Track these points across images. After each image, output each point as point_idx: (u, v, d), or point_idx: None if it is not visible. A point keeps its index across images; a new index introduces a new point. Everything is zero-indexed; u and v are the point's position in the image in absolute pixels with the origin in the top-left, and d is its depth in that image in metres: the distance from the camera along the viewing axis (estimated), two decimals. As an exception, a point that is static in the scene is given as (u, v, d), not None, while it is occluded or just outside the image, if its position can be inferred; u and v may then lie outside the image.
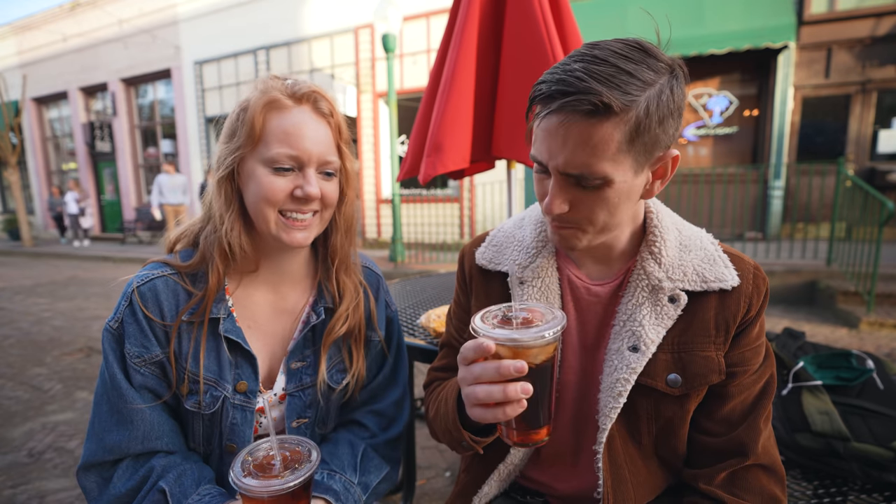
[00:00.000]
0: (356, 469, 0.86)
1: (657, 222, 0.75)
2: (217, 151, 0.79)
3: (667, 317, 0.71)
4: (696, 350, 0.71)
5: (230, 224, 0.77)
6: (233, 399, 0.80)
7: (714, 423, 0.73)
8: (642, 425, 0.74)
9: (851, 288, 4.43)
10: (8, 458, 2.30)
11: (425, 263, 6.89)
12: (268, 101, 0.74)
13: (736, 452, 0.71)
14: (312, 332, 0.88)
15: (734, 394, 0.72)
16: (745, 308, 0.71)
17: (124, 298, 0.76)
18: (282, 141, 0.74)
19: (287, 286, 0.88)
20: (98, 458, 0.74)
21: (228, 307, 0.81)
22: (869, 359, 1.35)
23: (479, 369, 0.58)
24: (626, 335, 0.73)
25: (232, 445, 0.82)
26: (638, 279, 0.74)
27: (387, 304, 1.00)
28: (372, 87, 8.91)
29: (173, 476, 0.74)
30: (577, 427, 0.80)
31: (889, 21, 6.15)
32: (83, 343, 4.14)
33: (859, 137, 6.63)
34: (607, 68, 0.57)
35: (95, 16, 11.71)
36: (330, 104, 0.80)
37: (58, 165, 14.16)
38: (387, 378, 0.99)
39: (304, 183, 0.76)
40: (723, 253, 0.74)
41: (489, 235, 0.91)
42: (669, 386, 0.71)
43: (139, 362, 0.75)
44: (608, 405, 0.72)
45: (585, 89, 0.56)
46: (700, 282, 0.71)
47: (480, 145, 1.63)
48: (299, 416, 0.87)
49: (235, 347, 0.80)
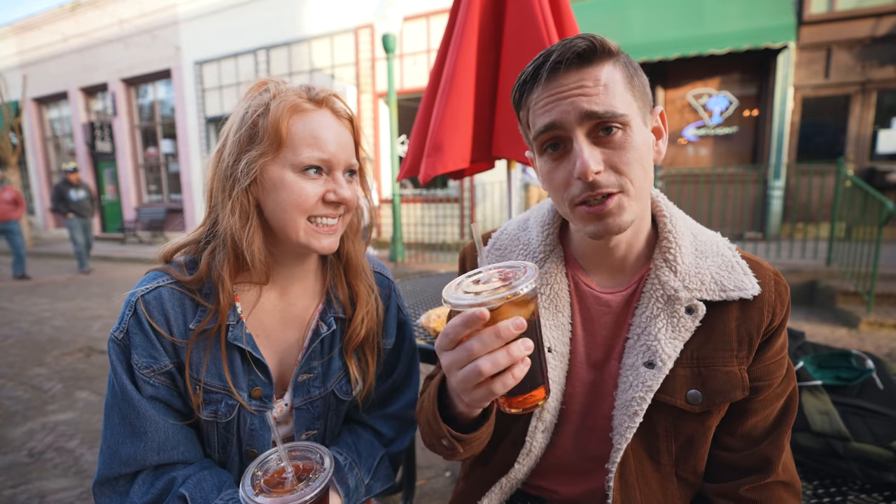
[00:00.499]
0: (370, 471, 0.86)
1: (671, 227, 0.71)
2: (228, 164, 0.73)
3: (684, 329, 0.67)
4: (717, 365, 0.67)
5: (250, 238, 0.73)
6: (249, 406, 0.78)
7: (735, 439, 0.70)
8: (661, 444, 0.71)
9: (851, 288, 4.43)
10: (8, 458, 2.30)
11: (425, 263, 6.89)
12: (292, 105, 0.72)
13: (758, 468, 0.68)
14: (321, 344, 0.86)
15: (757, 409, 0.68)
16: (768, 318, 0.66)
17: (128, 308, 0.73)
18: (311, 144, 0.72)
19: (296, 292, 0.86)
20: (114, 471, 0.71)
21: (238, 314, 0.78)
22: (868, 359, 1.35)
23: (477, 342, 0.50)
24: (641, 350, 0.68)
25: (253, 451, 0.80)
26: (652, 289, 0.69)
27: (399, 308, 0.97)
28: (372, 88, 8.91)
29: (193, 482, 0.72)
30: (583, 440, 0.78)
31: (889, 21, 6.15)
32: (83, 343, 4.14)
33: (859, 137, 6.63)
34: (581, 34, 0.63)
35: (96, 16, 11.71)
36: (346, 106, 0.80)
37: (58, 165, 14.15)
38: (400, 382, 0.97)
39: (336, 186, 0.74)
40: (741, 259, 0.70)
41: (492, 238, 0.86)
42: (689, 403, 0.67)
43: (148, 373, 0.73)
44: (623, 424, 0.69)
45: (572, 40, 0.61)
46: (719, 291, 0.67)
47: (480, 145, 1.63)
48: (308, 429, 0.86)
49: (247, 355, 0.79)
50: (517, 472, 0.80)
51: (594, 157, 0.60)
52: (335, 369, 0.87)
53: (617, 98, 0.61)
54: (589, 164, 0.59)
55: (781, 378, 0.69)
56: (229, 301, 0.76)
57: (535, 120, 0.64)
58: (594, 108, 0.60)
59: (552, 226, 0.79)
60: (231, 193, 0.73)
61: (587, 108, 0.60)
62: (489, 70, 1.60)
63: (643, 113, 0.65)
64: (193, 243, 0.80)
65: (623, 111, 0.61)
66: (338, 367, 0.87)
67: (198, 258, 0.78)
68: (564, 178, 0.64)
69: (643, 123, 0.65)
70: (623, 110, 0.61)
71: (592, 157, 0.60)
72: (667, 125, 0.71)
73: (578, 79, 0.61)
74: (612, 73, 0.61)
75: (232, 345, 0.77)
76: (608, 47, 0.61)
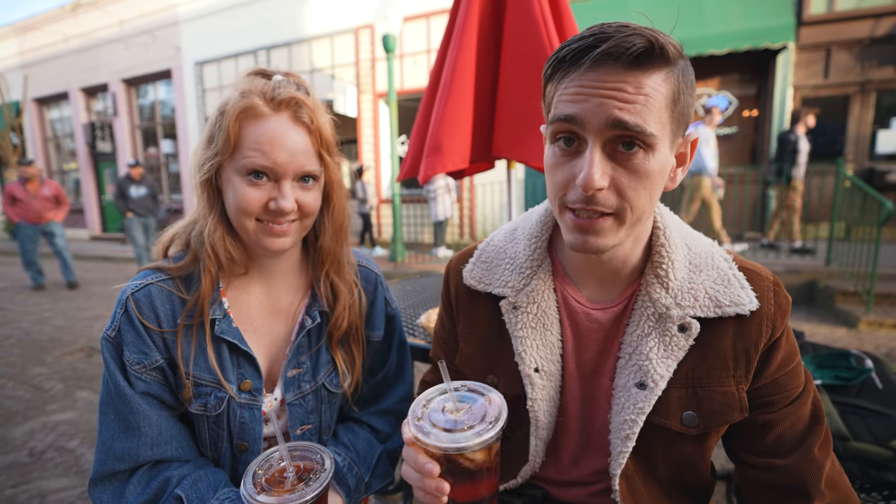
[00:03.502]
0: (370, 469, 0.87)
1: (664, 240, 0.67)
2: (195, 154, 0.78)
3: (677, 348, 0.64)
4: (713, 385, 0.64)
5: (213, 226, 0.77)
6: (238, 399, 0.80)
7: (760, 457, 0.65)
8: (658, 463, 0.69)
9: (850, 288, 4.43)
10: (9, 458, 2.30)
11: (425, 263, 6.89)
12: (244, 108, 0.71)
13: (796, 491, 0.62)
14: (308, 338, 0.87)
15: (779, 420, 0.64)
16: (767, 333, 0.63)
17: (119, 306, 0.75)
18: (255, 150, 0.71)
19: (280, 287, 0.88)
20: (108, 468, 0.72)
21: (225, 309, 0.80)
22: (868, 358, 1.36)
23: (412, 462, 0.58)
24: (633, 370, 0.66)
25: (244, 444, 0.81)
26: (643, 306, 0.66)
27: (386, 301, 0.99)
28: (372, 88, 8.91)
29: (188, 482, 0.72)
30: (583, 456, 0.78)
31: (888, 21, 6.16)
32: (84, 343, 4.14)
33: (858, 138, 6.63)
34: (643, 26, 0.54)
35: (96, 16, 11.72)
36: (311, 111, 0.76)
37: (59, 166, 14.15)
38: (392, 376, 0.99)
39: (279, 196, 0.73)
40: (738, 271, 0.66)
41: (478, 250, 0.82)
42: (685, 425, 0.65)
43: (140, 369, 0.74)
44: (617, 447, 0.67)
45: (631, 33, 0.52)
46: (714, 307, 0.63)
47: (480, 145, 1.64)
48: (303, 423, 0.87)
49: (235, 348, 0.80)
50: (517, 481, 0.82)
51: (603, 170, 0.55)
52: (323, 363, 0.88)
53: (653, 115, 0.54)
54: (594, 178, 0.54)
55: (801, 388, 0.65)
56: (212, 284, 0.78)
57: (559, 104, 0.58)
58: (625, 117, 0.53)
59: (540, 238, 0.75)
60: (199, 183, 0.77)
61: (616, 116, 0.53)
62: (489, 70, 1.60)
63: (674, 137, 0.59)
64: (188, 227, 0.84)
65: (653, 131, 0.54)
66: (326, 360, 0.88)
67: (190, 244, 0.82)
68: (566, 178, 0.59)
69: (669, 148, 0.59)
70: (653, 130, 0.54)
71: (600, 170, 0.55)
72: (694, 153, 0.65)
73: (620, 79, 0.53)
74: (659, 85, 0.54)
75: (219, 338, 0.78)
76: (667, 53, 0.54)
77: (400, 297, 1.90)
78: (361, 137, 9.16)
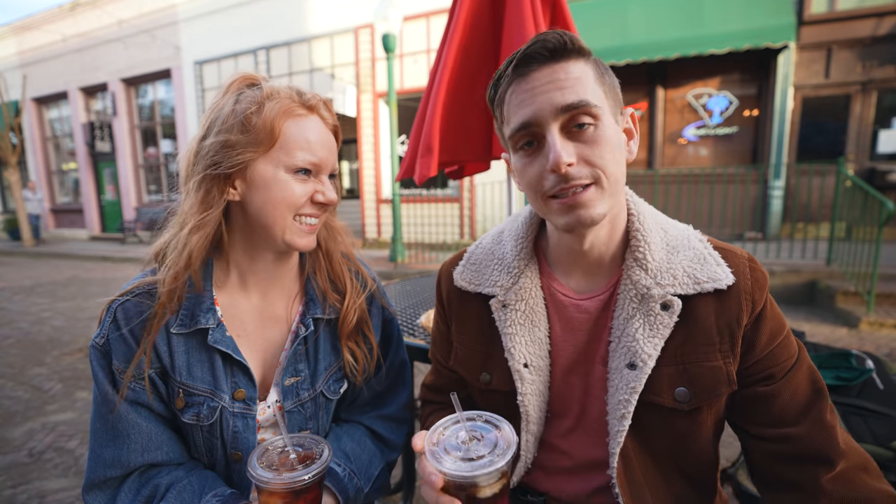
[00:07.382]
0: (370, 480, 0.87)
1: (639, 224, 0.71)
2: (199, 148, 0.76)
3: (662, 326, 0.66)
4: (700, 360, 0.66)
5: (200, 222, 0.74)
6: (231, 408, 0.79)
7: (772, 428, 0.66)
8: (655, 441, 0.71)
9: (851, 288, 4.43)
10: (8, 458, 2.30)
11: (425, 263, 6.89)
12: (286, 108, 0.75)
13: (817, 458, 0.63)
14: (304, 344, 0.87)
15: (780, 390, 0.65)
16: (748, 308, 0.65)
17: (108, 314, 0.74)
18: (304, 148, 0.76)
19: (276, 293, 0.87)
20: (99, 474, 0.72)
21: (218, 317, 0.79)
22: (868, 359, 1.36)
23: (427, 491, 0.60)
24: (623, 352, 0.68)
25: (237, 454, 0.80)
26: (626, 290, 0.69)
27: (383, 305, 0.99)
28: (372, 87, 8.91)
29: (174, 494, 0.72)
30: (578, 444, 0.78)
31: (889, 21, 6.15)
32: (83, 343, 4.14)
33: (859, 137, 6.63)
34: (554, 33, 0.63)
35: (95, 16, 11.72)
36: (332, 112, 0.83)
37: (58, 165, 14.16)
38: (393, 378, 0.98)
39: (324, 188, 0.79)
40: (713, 250, 0.69)
41: (467, 253, 0.85)
42: (678, 401, 0.67)
43: (128, 377, 0.73)
44: (614, 428, 0.69)
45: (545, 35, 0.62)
46: (692, 284, 0.66)
47: (479, 145, 1.63)
48: (301, 429, 0.87)
49: (228, 357, 0.79)
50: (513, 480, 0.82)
51: (567, 149, 0.61)
52: (321, 370, 0.87)
53: (589, 90, 0.62)
54: (561, 156, 0.60)
55: (795, 357, 0.67)
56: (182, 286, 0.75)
57: (511, 117, 0.66)
58: (568, 99, 0.61)
59: (526, 238, 0.78)
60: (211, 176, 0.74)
61: (561, 101, 0.61)
62: (487, 70, 1.59)
63: (614, 111, 0.66)
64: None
65: (595, 102, 0.62)
66: (324, 367, 0.88)
67: None
68: (538, 172, 0.64)
69: (614, 121, 0.66)
70: (595, 101, 0.62)
71: (565, 149, 0.61)
72: (637, 127, 0.72)
73: (550, 72, 0.62)
74: (583, 68, 0.63)
75: (213, 348, 0.78)
76: (579, 45, 0.63)
77: (400, 298, 1.90)
78: (361, 137, 9.15)
